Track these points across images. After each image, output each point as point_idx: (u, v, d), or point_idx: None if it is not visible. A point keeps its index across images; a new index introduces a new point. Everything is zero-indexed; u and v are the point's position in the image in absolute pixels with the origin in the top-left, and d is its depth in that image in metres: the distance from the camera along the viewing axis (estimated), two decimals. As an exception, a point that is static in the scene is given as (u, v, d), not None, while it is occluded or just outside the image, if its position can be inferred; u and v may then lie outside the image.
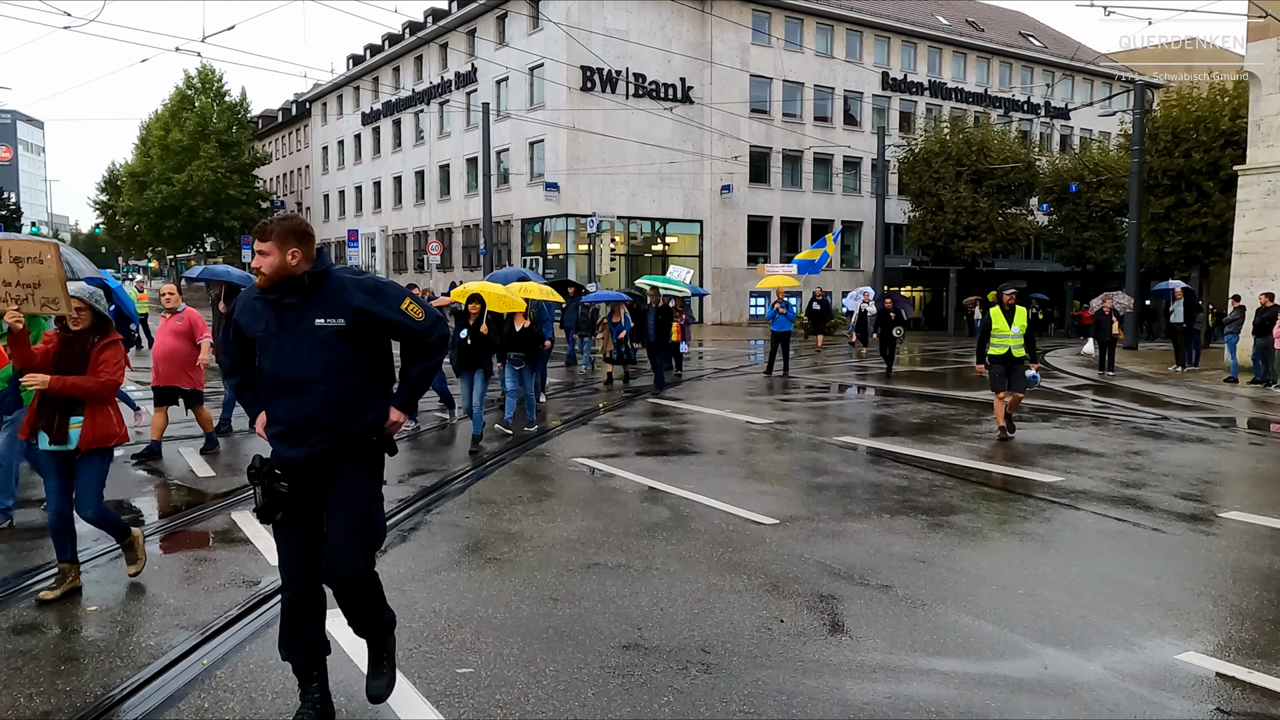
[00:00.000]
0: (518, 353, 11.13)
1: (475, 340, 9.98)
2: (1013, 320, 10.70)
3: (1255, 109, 19.89)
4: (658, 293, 16.25)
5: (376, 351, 3.64)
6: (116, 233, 72.69)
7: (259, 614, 4.92)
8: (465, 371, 10.15)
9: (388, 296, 3.56)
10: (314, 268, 3.54)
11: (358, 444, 3.57)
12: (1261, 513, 7.40)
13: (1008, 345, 10.68)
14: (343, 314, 3.48)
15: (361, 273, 3.69)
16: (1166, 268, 32.99)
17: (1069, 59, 48.06)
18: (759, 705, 3.90)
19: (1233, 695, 4.09)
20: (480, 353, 10.09)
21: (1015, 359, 10.69)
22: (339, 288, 3.53)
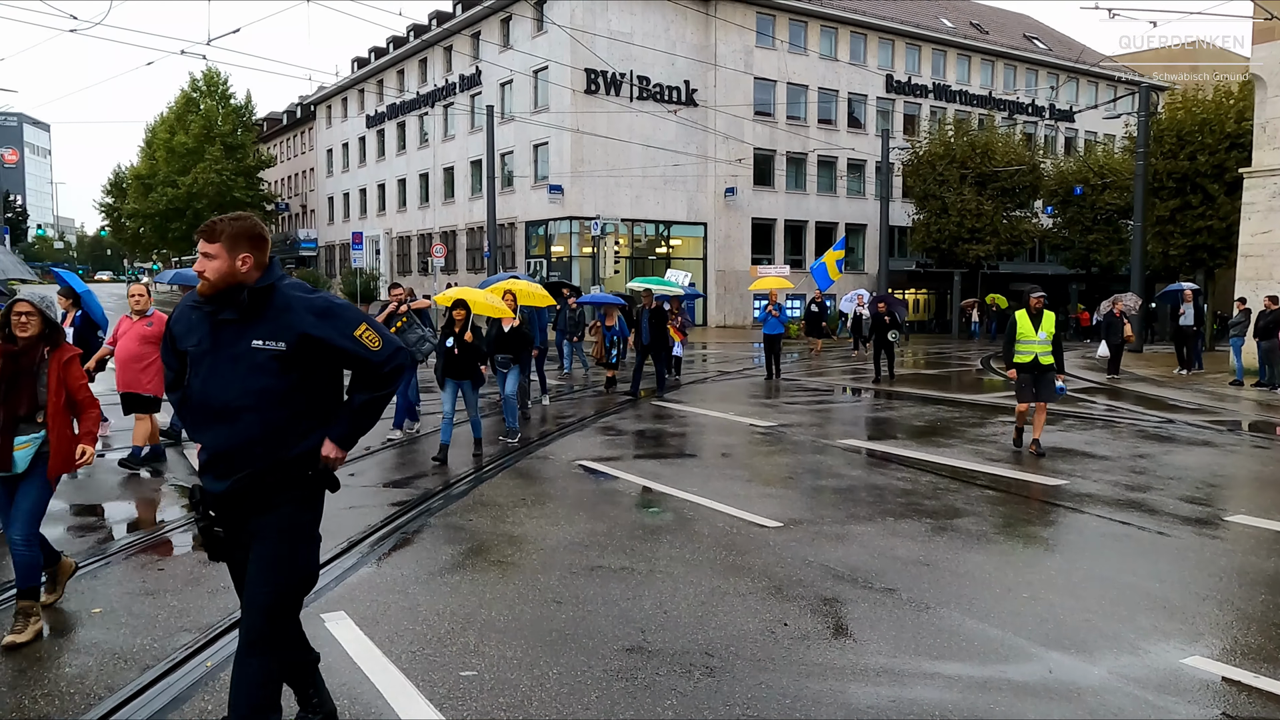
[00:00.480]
0: (505, 354, 10.84)
1: (462, 348, 9.44)
2: (1040, 325, 9.91)
3: (1261, 111, 19.85)
4: (651, 295, 16.03)
5: (322, 380, 3.24)
6: (122, 235, 72.86)
7: (263, 616, 4.91)
8: (451, 380, 9.47)
9: (340, 321, 3.15)
10: (260, 280, 3.15)
11: (291, 474, 3.17)
12: (1267, 516, 7.37)
13: (1034, 352, 9.91)
14: (285, 337, 3.08)
15: (314, 290, 3.25)
16: (1171, 270, 32.90)
17: (1073, 61, 48.01)
18: (762, 709, 3.89)
19: (1239, 699, 4.08)
20: (468, 361, 9.51)
21: (1043, 367, 9.91)
22: (284, 307, 3.12)
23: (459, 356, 9.38)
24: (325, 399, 3.27)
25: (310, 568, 3.33)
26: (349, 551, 6.13)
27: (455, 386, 9.49)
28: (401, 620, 4.88)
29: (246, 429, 3.09)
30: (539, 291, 12.67)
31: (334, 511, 7.19)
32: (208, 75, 57.42)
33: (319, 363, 3.18)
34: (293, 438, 3.15)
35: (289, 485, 3.17)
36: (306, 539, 3.27)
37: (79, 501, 7.62)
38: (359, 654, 4.40)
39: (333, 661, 4.33)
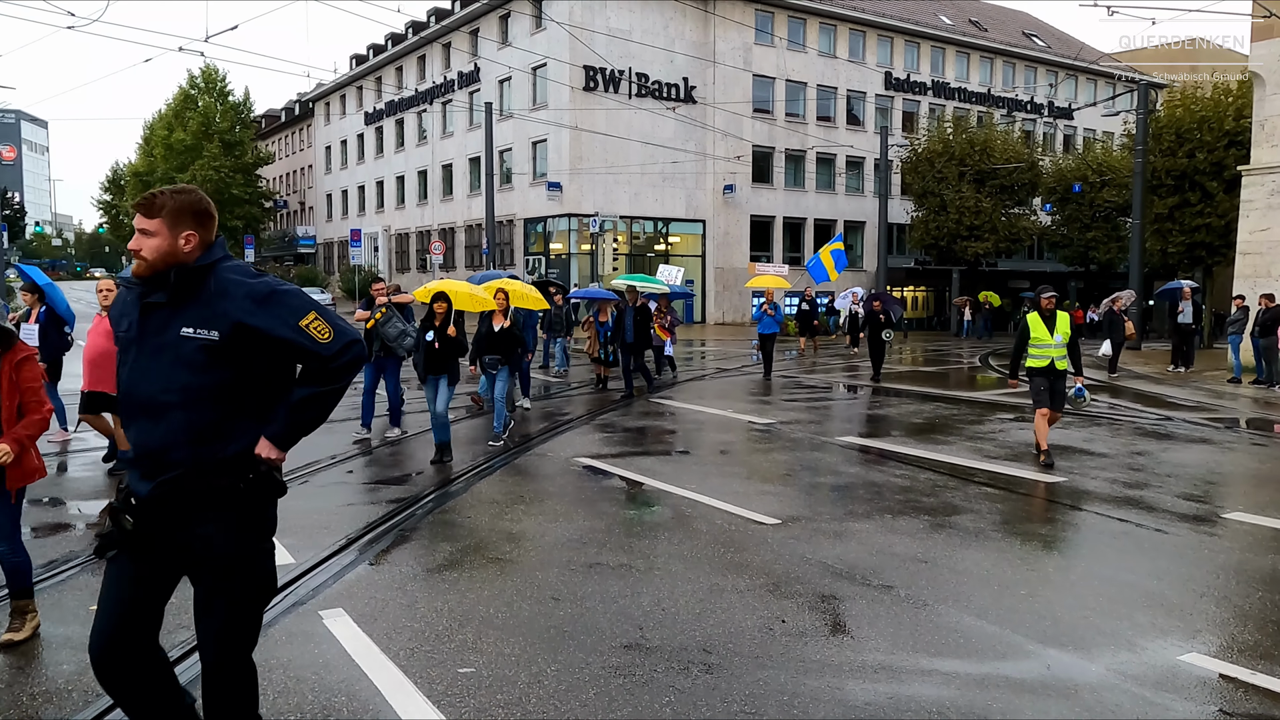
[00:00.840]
0: (494, 355, 10.36)
1: (443, 343, 9.11)
2: (1054, 327, 9.27)
3: (1259, 109, 19.85)
4: (635, 292, 15.63)
5: (264, 377, 2.87)
6: (120, 232, 72.82)
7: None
8: (432, 376, 9.20)
9: (283, 309, 2.77)
10: (199, 259, 2.82)
11: (226, 482, 2.79)
12: (1264, 514, 7.38)
13: (1049, 356, 9.25)
14: (218, 326, 2.73)
15: (258, 274, 2.89)
16: (1170, 268, 32.92)
17: (1072, 59, 47.99)
18: (760, 705, 3.89)
19: (1235, 696, 4.08)
20: (447, 357, 9.18)
21: (1058, 371, 9.30)
22: (220, 291, 2.76)
23: (439, 351, 9.10)
24: (268, 399, 2.88)
25: (265, 582, 2.96)
26: (346, 549, 6.13)
27: (434, 381, 9.23)
28: (399, 617, 4.88)
29: (171, 429, 2.75)
30: (533, 294, 12.35)
31: (331, 509, 7.21)
32: (206, 72, 57.37)
33: (259, 356, 2.81)
34: (226, 441, 2.78)
35: (224, 495, 2.79)
36: (253, 554, 2.88)
37: (76, 499, 7.62)
38: (357, 651, 4.40)
39: (331, 659, 4.34)
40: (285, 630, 4.69)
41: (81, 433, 10.65)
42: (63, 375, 10.44)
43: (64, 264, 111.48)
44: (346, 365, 2.85)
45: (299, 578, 5.50)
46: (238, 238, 57.93)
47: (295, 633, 4.66)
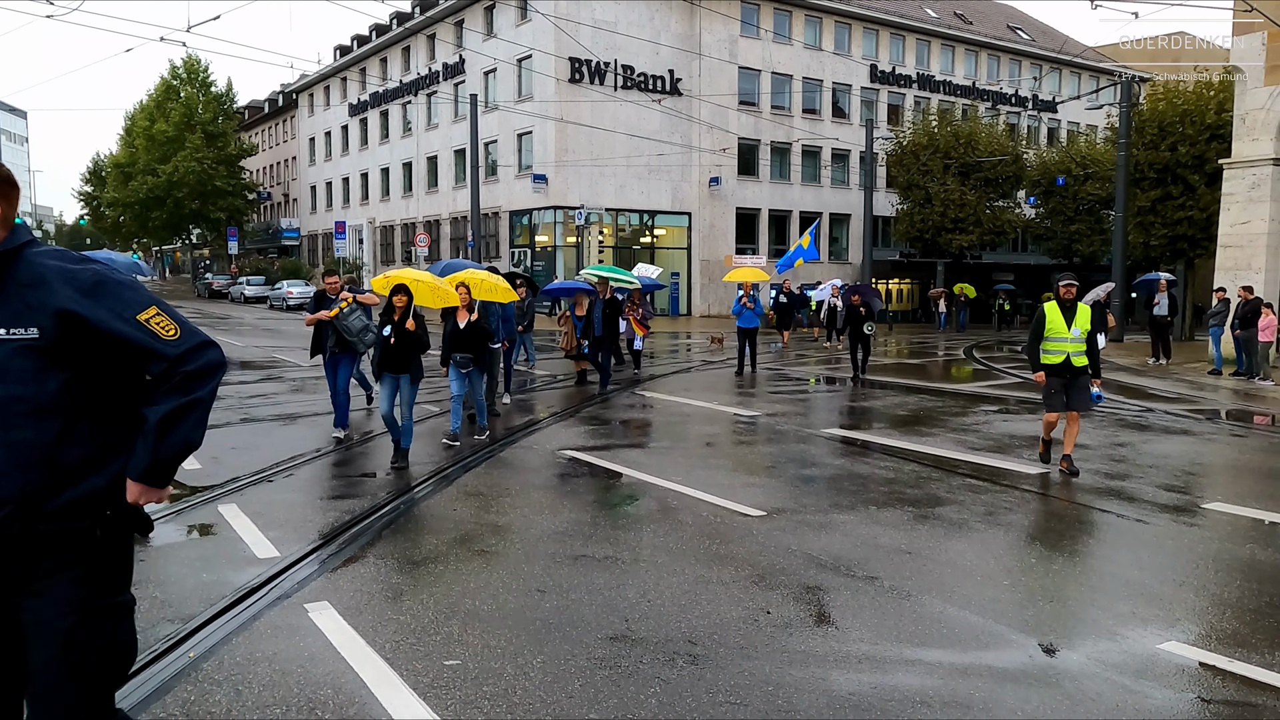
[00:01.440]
0: (464, 354, 9.71)
1: (401, 338, 8.42)
2: (1073, 320, 8.33)
3: (1240, 103, 20.00)
4: (606, 284, 14.92)
5: (107, 386, 2.34)
6: (101, 224, 72.19)
7: (246, 607, 4.91)
8: (389, 374, 8.52)
9: (116, 300, 2.27)
10: (4, 242, 2.29)
11: (70, 530, 2.26)
12: (1244, 504, 7.46)
13: (1065, 352, 8.33)
14: (37, 321, 2.22)
15: (81, 259, 2.35)
16: (1152, 260, 33.12)
17: (1056, 52, 48.21)
18: (745, 696, 3.92)
19: (1214, 684, 4.13)
20: (406, 353, 8.51)
21: (1075, 370, 8.37)
22: (34, 280, 2.26)
23: (397, 347, 8.44)
24: (107, 415, 2.34)
25: (124, 649, 2.39)
26: (331, 541, 6.12)
27: (394, 381, 8.55)
28: (385, 610, 4.88)
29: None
30: (500, 285, 11.51)
31: (316, 501, 7.19)
32: (188, 62, 56.92)
33: (93, 359, 2.29)
34: (62, 475, 2.25)
35: (72, 542, 2.27)
36: (109, 612, 2.33)
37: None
38: (342, 644, 4.40)
39: (316, 652, 4.33)
40: (270, 624, 4.68)
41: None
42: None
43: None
44: (201, 371, 2.32)
45: (284, 571, 5.49)
46: (221, 230, 57.67)
47: (280, 626, 4.65)
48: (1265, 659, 4.36)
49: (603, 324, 14.12)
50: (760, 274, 25.45)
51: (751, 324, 17.51)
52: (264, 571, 5.48)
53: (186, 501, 7.21)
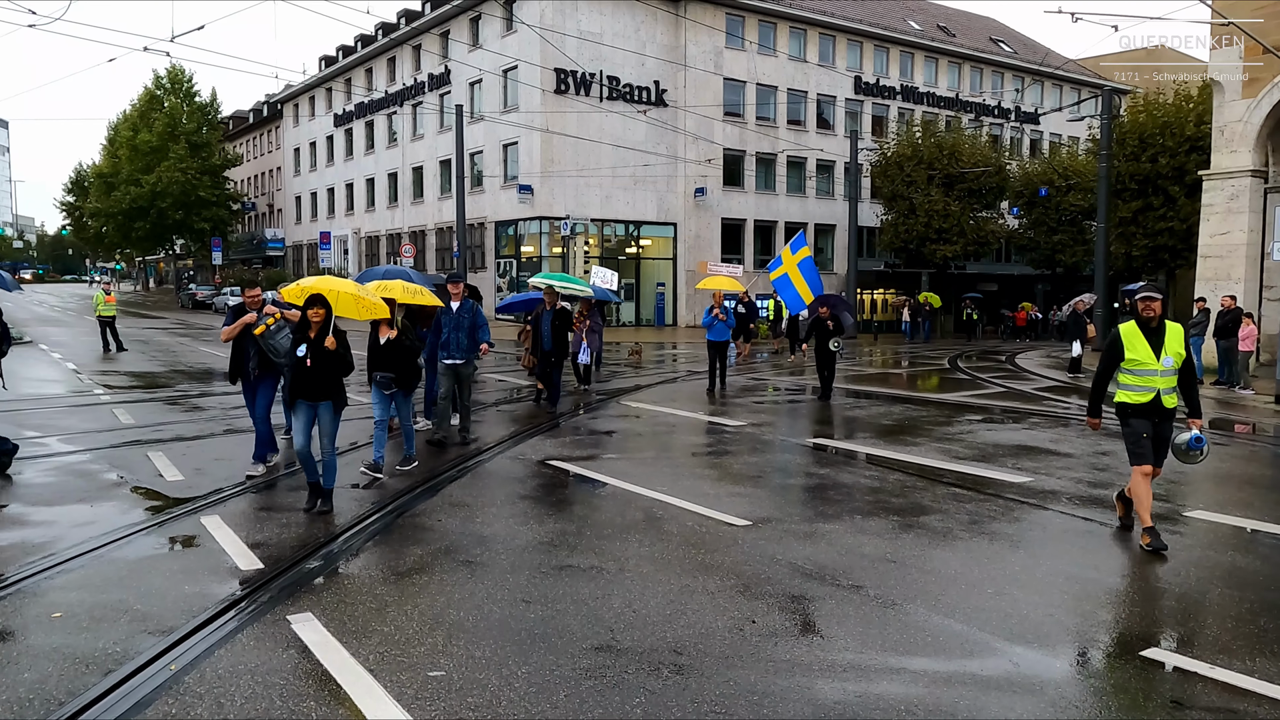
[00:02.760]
0: (386, 373, 8.74)
1: (319, 359, 7.08)
2: (1162, 346, 6.43)
3: (1219, 115, 20.23)
4: (554, 294, 13.74)
5: None
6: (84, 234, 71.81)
7: (227, 619, 4.87)
8: (304, 402, 7.20)
9: None
10: None
11: None
12: (1225, 512, 7.53)
13: (1154, 389, 6.48)
14: None
15: None
16: (1134, 271, 33.45)
17: (1038, 65, 48.65)
18: (730, 705, 3.91)
19: (1195, 690, 4.16)
20: (325, 377, 7.16)
21: (1165, 411, 6.55)
22: None
23: (314, 370, 7.10)
24: None
25: None
26: (316, 552, 6.09)
27: (310, 411, 7.22)
28: (369, 621, 4.85)
29: None
30: (425, 294, 10.31)
31: (299, 513, 7.15)
32: (172, 72, 56.76)
33: None
34: None
35: None
36: None
37: (38, 503, 7.50)
38: (326, 655, 4.37)
39: (300, 664, 4.31)
40: (253, 636, 4.65)
41: (44, 437, 10.49)
42: None
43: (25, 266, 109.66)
44: None
45: (267, 582, 5.46)
46: (205, 240, 57.40)
47: (263, 638, 4.62)
48: (1246, 665, 4.39)
49: (551, 337, 13.20)
50: (735, 284, 23.73)
51: (722, 337, 16.43)
52: (247, 583, 5.45)
53: (169, 513, 7.16)
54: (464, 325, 10.23)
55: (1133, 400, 6.61)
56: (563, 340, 13.41)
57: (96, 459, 9.28)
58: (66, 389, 15.37)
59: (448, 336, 10.26)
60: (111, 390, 15.10)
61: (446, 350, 10.28)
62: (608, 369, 21.04)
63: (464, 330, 10.23)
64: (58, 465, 9.03)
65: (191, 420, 11.95)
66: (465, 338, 10.24)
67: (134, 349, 23.18)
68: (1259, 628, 4.92)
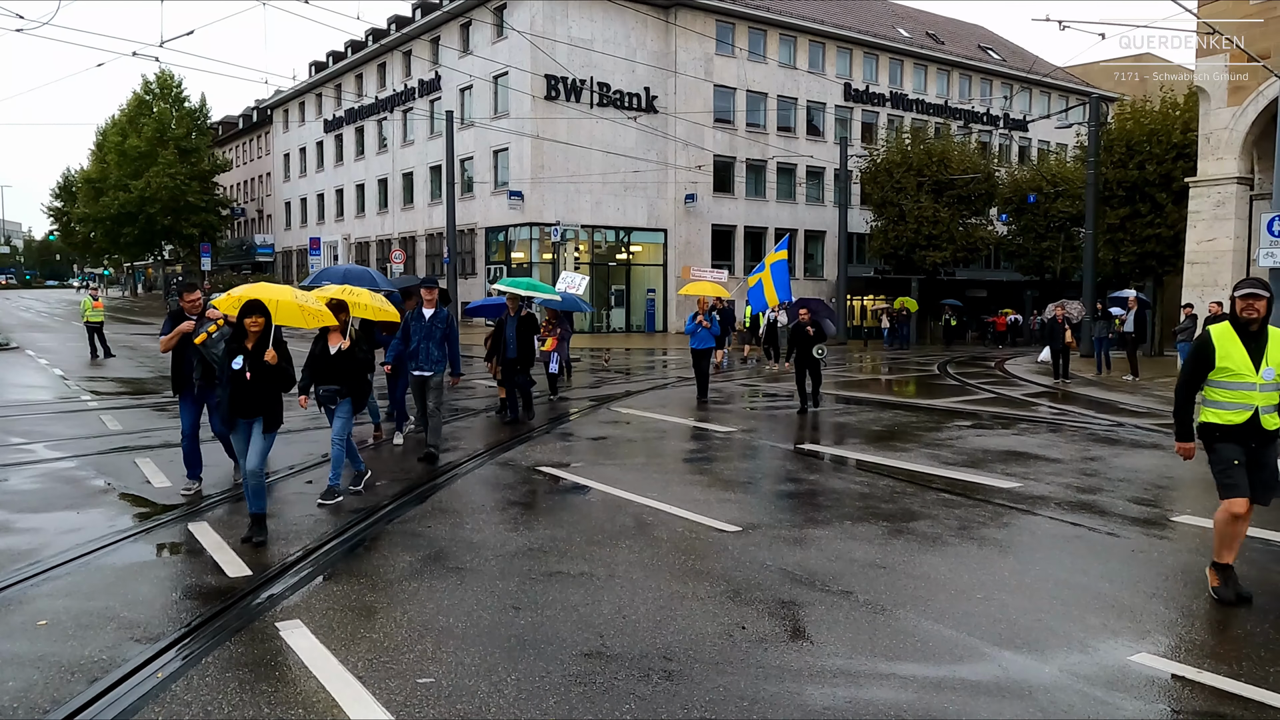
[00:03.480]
0: (330, 386, 7.88)
1: (260, 374, 6.42)
2: (1263, 354, 5.38)
3: (1205, 123, 20.38)
4: (518, 300, 13.07)
5: None
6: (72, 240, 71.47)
7: (216, 625, 4.85)
8: (244, 421, 6.54)
9: None
10: None
11: None
12: (1212, 517, 7.54)
13: (1253, 405, 5.41)
14: None
15: None
16: (1122, 277, 33.59)
17: (1026, 72, 48.92)
18: (721, 711, 3.91)
19: (1183, 695, 4.17)
20: (265, 394, 6.50)
21: (1266, 433, 5.43)
22: None
23: (252, 385, 6.42)
24: None
25: None
26: (305, 560, 6.06)
27: (247, 427, 6.58)
28: (358, 628, 4.83)
29: None
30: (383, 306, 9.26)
31: (289, 519, 7.12)
32: (161, 77, 56.58)
33: None
34: None
35: None
36: None
37: (24, 510, 7.45)
38: (315, 662, 4.35)
39: (288, 671, 4.29)
40: (241, 642, 4.62)
41: (31, 444, 10.43)
42: None
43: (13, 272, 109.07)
44: None
45: (255, 589, 5.43)
46: (194, 246, 57.19)
47: (251, 645, 4.60)
48: (1234, 670, 4.41)
49: (517, 344, 12.58)
50: (720, 289, 22.59)
51: (706, 344, 15.88)
52: (235, 590, 5.42)
53: (156, 520, 7.13)
54: (435, 335, 9.51)
55: (1223, 420, 5.51)
56: (528, 347, 12.78)
57: (83, 465, 9.23)
58: (53, 395, 15.28)
59: (418, 345, 9.54)
60: (99, 396, 15.02)
61: (415, 360, 9.60)
62: (596, 375, 21.05)
63: (435, 340, 9.52)
64: (44, 472, 8.97)
65: (179, 427, 11.87)
66: (436, 348, 9.54)
67: (121, 355, 23.07)
68: (1246, 632, 4.94)
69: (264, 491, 6.63)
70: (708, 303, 16.12)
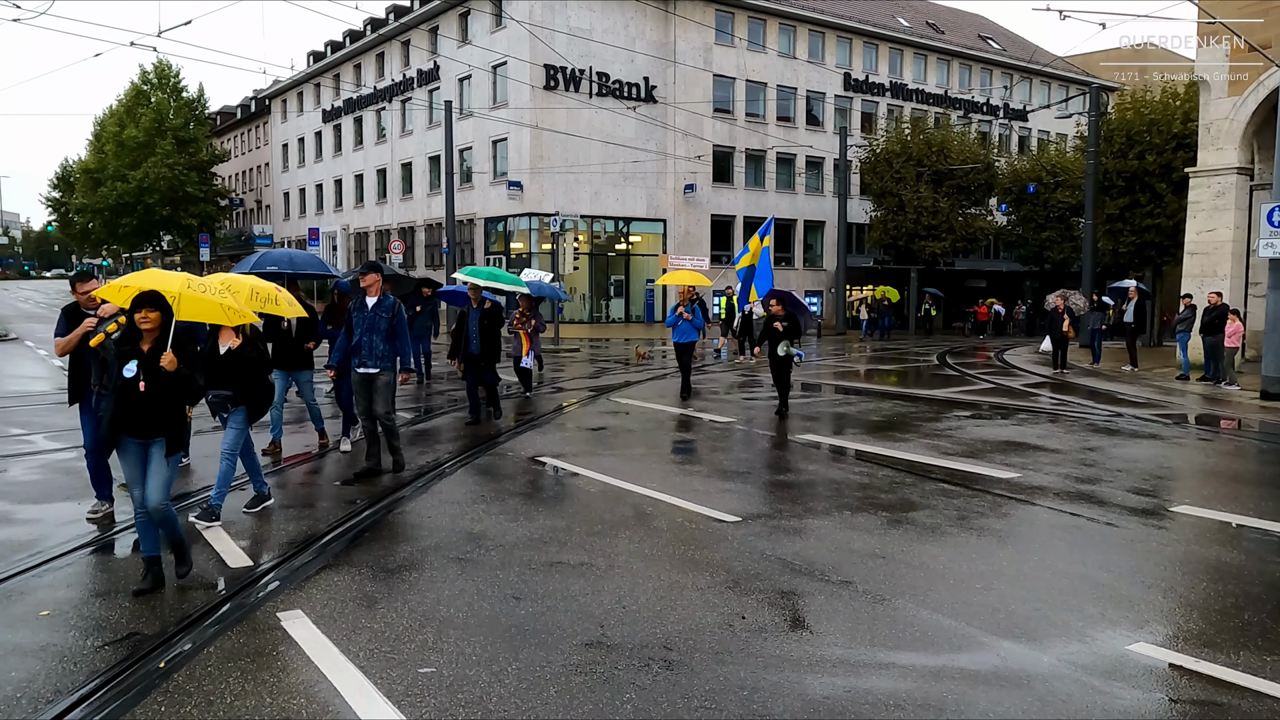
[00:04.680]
0: (220, 391, 6.76)
1: (155, 382, 5.24)
2: None
3: (1205, 113, 20.33)
4: (479, 291, 12.04)
5: None
6: (70, 230, 71.28)
7: (217, 616, 4.86)
8: (133, 441, 5.34)
9: None
10: None
11: None
12: (1210, 507, 7.58)
13: None
14: None
15: None
16: (1121, 267, 33.57)
17: (1026, 62, 48.80)
18: (720, 701, 3.93)
19: (1181, 684, 4.19)
20: (164, 408, 5.33)
21: None
22: None
23: (146, 396, 5.24)
24: None
25: None
26: (305, 549, 6.08)
27: (140, 451, 5.36)
28: (359, 618, 4.85)
29: None
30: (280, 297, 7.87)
31: (289, 509, 7.13)
32: (159, 67, 56.35)
33: None
34: None
35: None
36: None
37: (25, 501, 7.46)
38: (316, 652, 4.37)
39: (289, 661, 4.30)
40: (242, 633, 4.64)
41: (30, 435, 10.44)
42: None
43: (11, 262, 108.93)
44: None
45: (257, 579, 5.44)
46: (193, 236, 57.08)
47: (253, 635, 4.61)
48: (1231, 659, 4.43)
49: (480, 338, 11.60)
50: (701, 278, 21.11)
51: (689, 338, 14.73)
52: (236, 580, 5.44)
53: (157, 510, 7.12)
54: (380, 327, 8.31)
55: None
56: (493, 342, 11.79)
57: (83, 456, 9.22)
58: (52, 386, 15.28)
59: (360, 339, 8.36)
60: (99, 387, 15.01)
61: (358, 356, 8.38)
62: (598, 365, 21.06)
63: (380, 333, 8.31)
64: (44, 463, 8.98)
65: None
66: (382, 342, 8.32)
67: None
68: (1243, 621, 4.96)
69: (172, 521, 5.34)
70: (690, 293, 15.01)
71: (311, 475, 8.72)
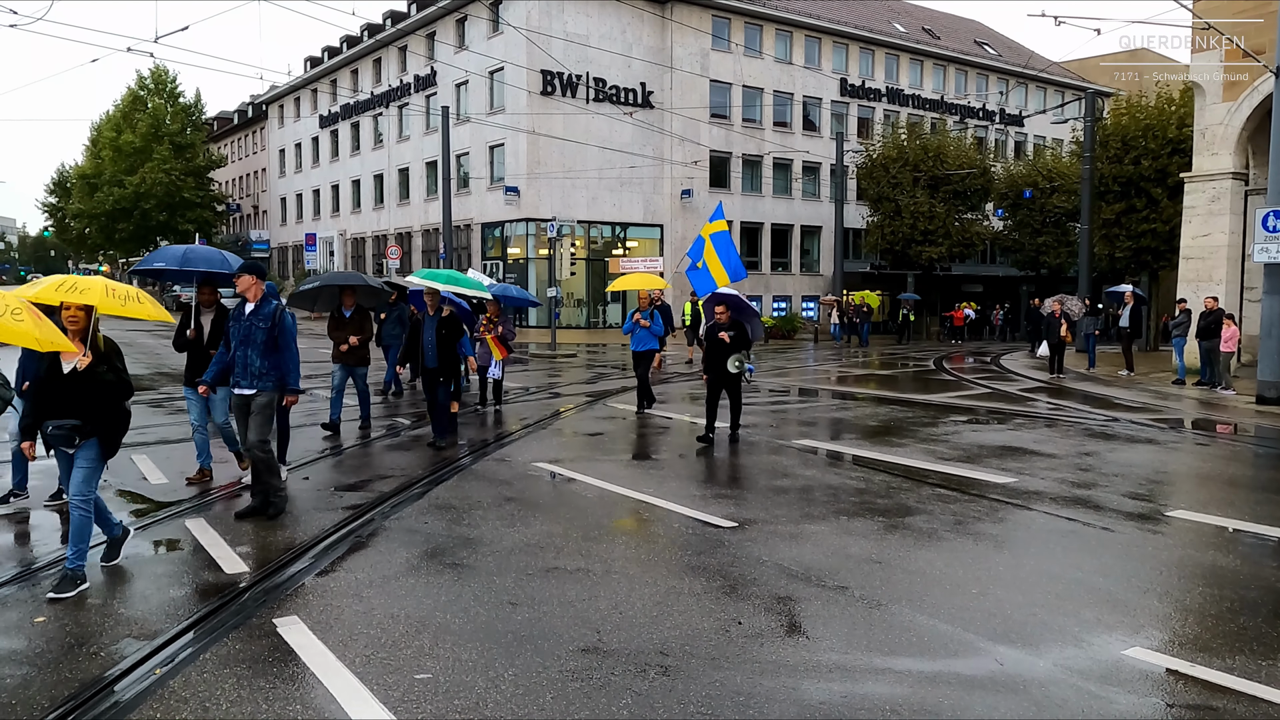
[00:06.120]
0: (61, 421, 5.40)
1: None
2: None
3: (1200, 118, 20.39)
4: (436, 295, 10.53)
5: None
6: (66, 236, 71.30)
7: (213, 622, 4.85)
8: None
9: None
10: None
11: None
12: (1207, 511, 7.59)
13: None
14: None
15: None
16: (1117, 272, 33.67)
17: (1022, 67, 48.95)
18: (717, 706, 3.92)
19: (1177, 688, 4.20)
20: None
21: None
22: None
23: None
24: None
25: None
26: (302, 555, 6.07)
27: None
28: (356, 624, 4.84)
29: None
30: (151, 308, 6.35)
31: (285, 515, 7.12)
32: (156, 73, 56.45)
33: None
34: None
35: None
36: None
37: (21, 507, 7.44)
38: (312, 659, 4.36)
39: (285, 667, 4.29)
40: (239, 639, 4.63)
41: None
42: None
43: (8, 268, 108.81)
44: None
45: (253, 585, 5.44)
46: (189, 242, 57.03)
47: (249, 641, 4.60)
48: (1227, 663, 4.43)
49: (437, 351, 10.30)
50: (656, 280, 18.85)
51: (647, 345, 13.48)
52: (232, 586, 5.43)
53: (153, 516, 7.13)
54: (256, 339, 7.02)
55: None
56: (451, 355, 10.38)
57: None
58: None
59: (234, 354, 7.15)
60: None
61: (233, 374, 7.19)
62: (594, 370, 21.05)
63: (256, 346, 7.03)
64: (39, 468, 8.95)
65: (176, 423, 11.87)
66: (259, 356, 7.04)
67: (117, 351, 22.99)
68: (1239, 626, 4.96)
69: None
70: (649, 298, 13.68)
71: (304, 481, 8.71)
